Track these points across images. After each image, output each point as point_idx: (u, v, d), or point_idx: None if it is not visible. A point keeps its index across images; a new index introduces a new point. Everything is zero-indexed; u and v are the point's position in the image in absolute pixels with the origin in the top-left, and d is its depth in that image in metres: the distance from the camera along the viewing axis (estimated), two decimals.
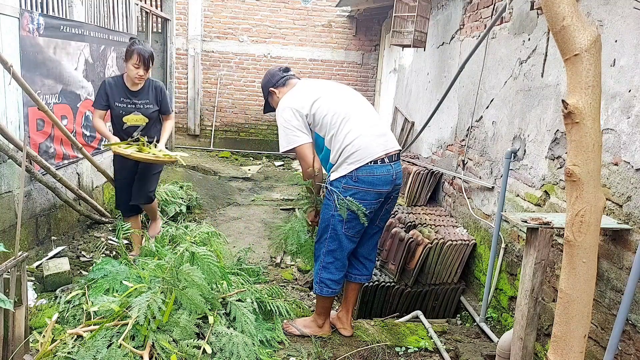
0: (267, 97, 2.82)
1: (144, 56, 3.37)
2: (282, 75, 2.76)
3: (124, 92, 3.47)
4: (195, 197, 5.78)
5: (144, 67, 3.39)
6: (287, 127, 2.56)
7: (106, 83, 3.45)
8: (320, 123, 2.55)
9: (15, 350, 2.25)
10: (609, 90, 2.36)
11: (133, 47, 3.36)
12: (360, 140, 2.46)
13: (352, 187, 2.48)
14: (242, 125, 10.09)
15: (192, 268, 2.41)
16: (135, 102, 3.51)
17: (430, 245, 3.64)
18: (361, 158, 2.45)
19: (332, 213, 2.54)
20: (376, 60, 9.84)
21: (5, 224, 3.20)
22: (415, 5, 4.91)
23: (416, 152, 5.79)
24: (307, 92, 2.62)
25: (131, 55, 3.35)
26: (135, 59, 3.34)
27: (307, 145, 2.56)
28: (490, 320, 3.36)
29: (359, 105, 2.62)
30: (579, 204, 1.50)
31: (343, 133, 2.49)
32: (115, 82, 3.47)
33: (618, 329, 2.04)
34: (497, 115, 3.66)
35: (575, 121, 1.46)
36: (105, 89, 3.43)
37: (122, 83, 3.48)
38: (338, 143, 2.50)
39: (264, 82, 2.81)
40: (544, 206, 2.92)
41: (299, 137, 2.55)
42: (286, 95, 2.67)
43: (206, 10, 9.51)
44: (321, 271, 2.65)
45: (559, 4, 1.44)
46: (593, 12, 2.54)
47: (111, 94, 3.43)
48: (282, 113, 2.59)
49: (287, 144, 2.58)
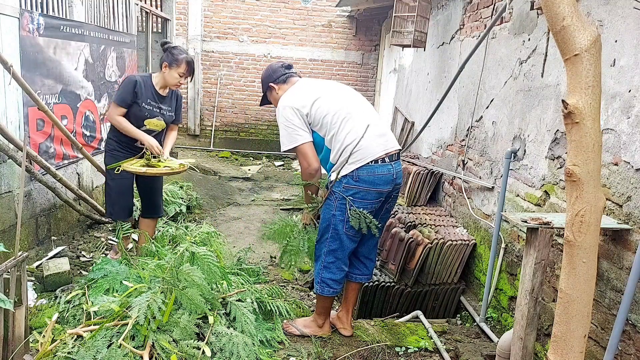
0: (266, 91, 2.82)
1: (193, 67, 3.31)
2: (283, 72, 2.74)
3: (152, 94, 3.33)
4: (195, 197, 5.78)
5: (188, 77, 3.33)
6: (288, 126, 2.56)
7: (137, 81, 3.26)
8: (320, 123, 2.55)
9: (15, 350, 2.25)
10: (609, 90, 2.36)
11: (182, 56, 3.26)
12: (361, 140, 2.46)
13: (353, 187, 2.49)
14: (242, 125, 10.09)
15: (192, 268, 2.40)
16: (160, 107, 3.39)
17: (430, 245, 3.64)
18: (362, 158, 2.46)
19: (333, 212, 2.55)
20: (376, 60, 9.84)
21: (5, 224, 3.20)
22: (415, 5, 4.91)
23: (416, 152, 5.79)
24: (307, 91, 2.62)
25: (180, 64, 3.24)
26: (184, 68, 3.25)
27: (308, 144, 2.56)
28: (490, 320, 3.36)
29: (359, 105, 2.62)
30: (579, 204, 1.50)
31: (344, 133, 2.49)
32: (144, 81, 3.30)
33: (618, 329, 2.04)
34: (497, 115, 3.66)
35: (575, 121, 1.46)
36: (136, 87, 3.25)
37: (151, 85, 3.33)
38: (339, 143, 2.50)
39: (265, 76, 2.79)
40: (544, 206, 2.92)
41: (301, 136, 2.55)
42: (286, 94, 2.66)
43: (206, 10, 9.51)
44: (322, 271, 2.66)
45: (559, 4, 1.44)
46: (593, 12, 2.54)
47: (141, 93, 3.26)
48: (282, 112, 2.58)
49: (289, 142, 2.57)
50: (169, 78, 3.28)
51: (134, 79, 3.28)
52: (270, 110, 9.99)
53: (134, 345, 2.18)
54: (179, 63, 3.25)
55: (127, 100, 3.24)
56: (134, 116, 3.30)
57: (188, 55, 3.29)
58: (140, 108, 3.29)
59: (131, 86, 3.24)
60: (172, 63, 3.26)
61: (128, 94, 3.24)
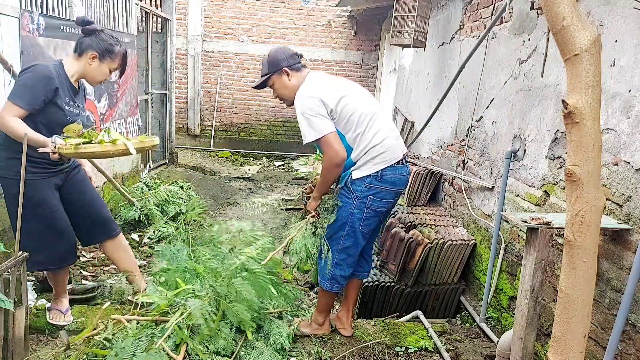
0: (274, 74, 2.59)
1: (126, 62, 2.65)
2: (298, 60, 2.63)
3: (68, 90, 2.47)
4: (195, 197, 5.77)
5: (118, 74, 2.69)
6: (313, 116, 2.43)
7: (51, 72, 2.34)
8: (346, 120, 2.50)
9: (15, 350, 2.25)
10: (609, 90, 2.36)
11: (118, 47, 2.55)
12: (387, 141, 2.51)
13: (375, 187, 2.51)
14: (242, 125, 10.09)
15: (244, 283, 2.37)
16: (78, 106, 2.56)
17: (430, 245, 3.64)
18: (389, 159, 2.50)
19: (352, 211, 2.54)
20: (376, 60, 9.84)
21: (5, 224, 3.20)
22: (415, 5, 4.92)
23: (416, 152, 5.79)
24: (332, 86, 2.58)
25: (115, 58, 2.55)
26: (118, 63, 2.59)
27: (334, 134, 2.45)
28: (490, 320, 3.36)
29: (378, 107, 2.65)
30: (579, 204, 1.50)
31: (371, 132, 2.49)
32: (58, 73, 2.39)
33: (618, 329, 2.04)
34: (497, 115, 3.66)
35: (575, 121, 1.46)
36: (51, 81, 2.33)
37: (66, 77, 2.46)
38: (365, 142, 2.49)
39: (277, 58, 2.58)
40: (544, 206, 2.92)
41: (327, 125, 2.44)
42: (308, 84, 2.56)
43: (206, 10, 9.51)
44: (334, 268, 2.65)
45: (559, 4, 1.44)
46: (593, 12, 2.54)
47: (61, 90, 2.40)
48: (308, 102, 2.46)
49: (315, 132, 2.42)
50: (96, 73, 2.52)
51: (47, 70, 2.34)
52: (271, 110, 10.00)
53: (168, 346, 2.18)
54: (113, 56, 2.54)
55: (40, 100, 2.31)
56: (48, 122, 2.39)
57: (122, 45, 2.60)
58: (58, 110, 2.40)
59: (46, 80, 2.32)
60: (104, 54, 2.50)
61: (42, 92, 2.30)
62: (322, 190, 2.62)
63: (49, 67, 2.36)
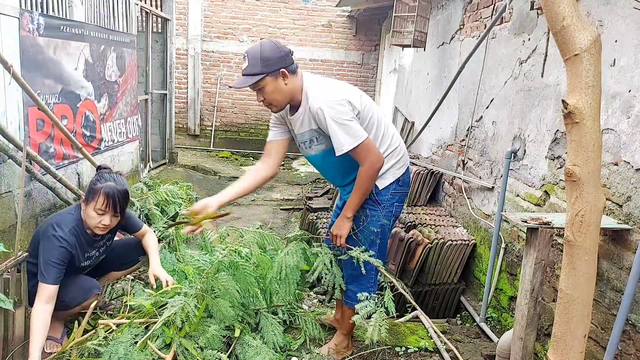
0: (268, 75, 2.15)
1: (115, 201, 2.36)
2: (293, 60, 2.24)
3: (87, 242, 2.46)
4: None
5: (112, 214, 2.39)
6: (348, 120, 2.15)
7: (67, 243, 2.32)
8: (367, 121, 2.28)
9: (15, 350, 2.25)
10: (609, 90, 2.36)
11: (99, 185, 2.34)
12: (402, 143, 2.45)
13: (398, 192, 2.42)
14: (242, 125, 10.09)
15: (228, 277, 2.35)
16: (99, 248, 2.57)
17: (430, 245, 3.64)
18: (406, 161, 2.45)
19: (382, 222, 2.39)
20: (376, 60, 9.85)
21: (5, 224, 3.20)
22: (415, 5, 4.92)
23: (416, 152, 5.79)
24: (346, 86, 2.33)
25: (95, 196, 2.33)
26: (102, 202, 2.33)
27: (370, 138, 2.23)
28: (490, 320, 3.36)
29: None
30: (579, 204, 1.49)
31: (389, 134, 2.37)
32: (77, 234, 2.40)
33: (618, 329, 2.04)
34: (497, 115, 3.66)
35: (575, 121, 1.45)
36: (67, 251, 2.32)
37: (84, 231, 2.44)
38: (386, 144, 2.33)
39: (273, 56, 2.15)
40: (544, 206, 2.92)
41: (363, 131, 2.19)
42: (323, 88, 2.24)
43: (206, 10, 9.52)
44: (372, 287, 2.45)
45: (559, 4, 1.43)
46: (593, 12, 2.54)
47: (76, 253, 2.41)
48: (339, 107, 2.15)
49: (353, 139, 2.14)
50: (87, 218, 2.40)
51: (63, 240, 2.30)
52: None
53: (157, 346, 2.17)
54: (94, 195, 2.34)
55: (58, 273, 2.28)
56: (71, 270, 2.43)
57: (110, 184, 2.37)
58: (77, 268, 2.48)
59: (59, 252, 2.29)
60: (87, 197, 2.38)
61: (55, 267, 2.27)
62: (357, 206, 2.31)
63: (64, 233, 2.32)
